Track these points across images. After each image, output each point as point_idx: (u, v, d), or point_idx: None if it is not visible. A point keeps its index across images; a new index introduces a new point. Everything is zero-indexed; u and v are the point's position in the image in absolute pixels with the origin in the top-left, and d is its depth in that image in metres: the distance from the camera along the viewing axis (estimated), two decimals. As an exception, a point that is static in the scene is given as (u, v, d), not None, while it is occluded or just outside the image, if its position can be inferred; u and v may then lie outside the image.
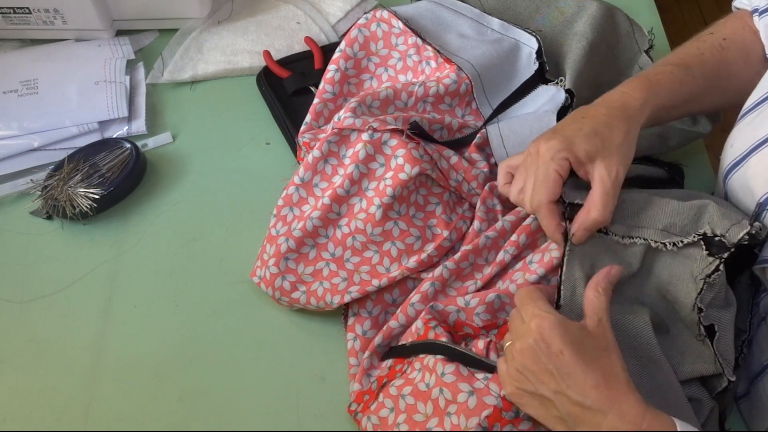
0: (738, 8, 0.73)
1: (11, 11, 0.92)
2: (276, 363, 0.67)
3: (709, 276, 0.55)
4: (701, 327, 0.56)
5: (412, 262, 0.67)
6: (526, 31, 0.80)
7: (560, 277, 0.59)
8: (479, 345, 0.60)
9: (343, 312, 0.69)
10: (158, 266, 0.75)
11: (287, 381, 0.66)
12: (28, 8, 0.92)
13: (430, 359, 0.60)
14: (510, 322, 0.57)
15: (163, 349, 0.69)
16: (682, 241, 0.57)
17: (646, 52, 0.79)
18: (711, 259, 0.56)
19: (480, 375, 0.58)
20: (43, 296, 0.73)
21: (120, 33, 0.97)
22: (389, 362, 0.64)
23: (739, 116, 0.64)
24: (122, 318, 0.71)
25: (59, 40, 0.96)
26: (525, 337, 0.52)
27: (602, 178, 0.59)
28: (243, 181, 0.82)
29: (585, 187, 0.61)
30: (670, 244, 0.58)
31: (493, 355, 0.60)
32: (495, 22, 0.83)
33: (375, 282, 0.67)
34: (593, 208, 0.58)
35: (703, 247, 0.56)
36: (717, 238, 0.56)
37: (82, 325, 0.71)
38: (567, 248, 0.60)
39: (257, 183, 0.81)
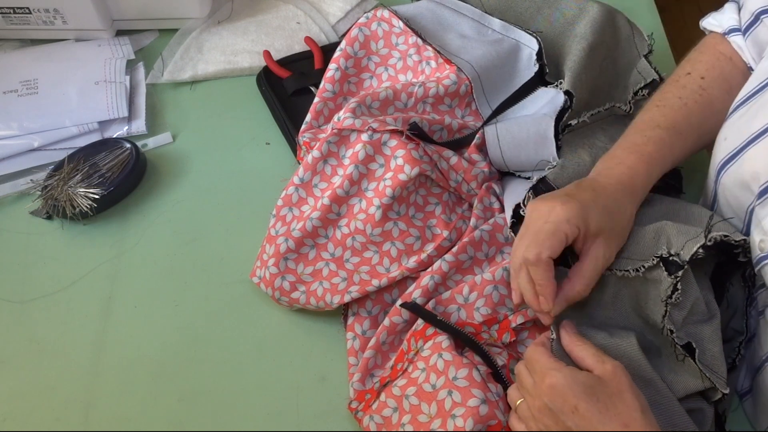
0: (707, 29, 0.73)
1: (11, 11, 0.92)
2: (276, 363, 0.67)
3: (669, 297, 0.55)
4: (676, 347, 0.55)
5: (411, 262, 0.67)
6: (527, 32, 0.80)
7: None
8: (498, 363, 0.61)
9: (342, 312, 0.69)
10: (158, 266, 0.75)
11: (287, 381, 0.66)
12: (28, 8, 0.92)
13: (438, 360, 0.60)
14: (518, 377, 0.57)
15: (163, 349, 0.69)
16: (643, 266, 0.57)
17: (646, 56, 0.78)
18: (670, 279, 0.56)
19: (492, 387, 0.59)
20: (43, 296, 0.73)
21: (120, 33, 0.97)
22: (391, 362, 0.64)
23: (730, 110, 0.63)
24: (122, 318, 0.71)
25: (59, 40, 0.96)
26: (539, 396, 0.53)
27: (597, 257, 0.58)
28: (243, 181, 0.82)
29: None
30: (633, 270, 0.58)
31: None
32: (496, 23, 0.82)
33: (375, 282, 0.67)
34: (579, 283, 0.58)
35: (663, 268, 0.56)
36: (671, 258, 0.56)
37: (82, 325, 0.70)
38: None
39: (257, 183, 0.81)
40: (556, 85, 0.76)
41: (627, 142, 0.64)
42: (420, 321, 0.64)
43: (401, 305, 0.65)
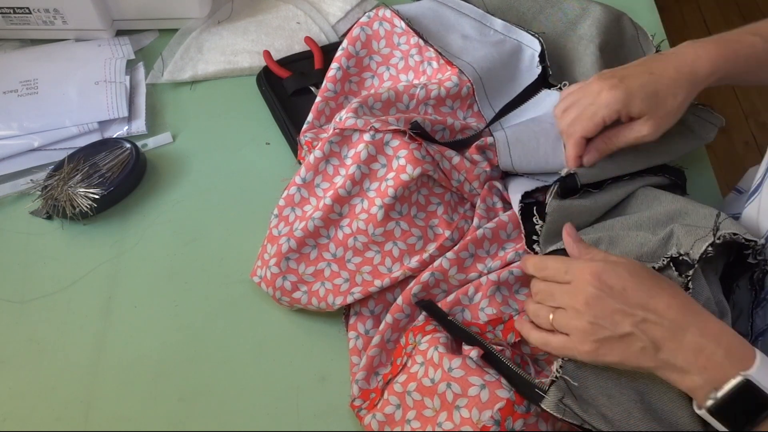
0: None
1: (11, 11, 0.92)
2: (276, 363, 0.67)
3: None
4: None
5: (413, 262, 0.68)
6: (529, 33, 0.80)
7: None
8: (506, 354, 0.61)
9: (344, 311, 0.69)
10: (158, 266, 0.75)
11: (287, 381, 0.66)
12: (28, 8, 0.92)
13: (434, 353, 0.60)
14: (540, 293, 0.57)
15: (163, 349, 0.69)
16: (653, 267, 0.58)
17: None
18: (681, 279, 0.56)
19: (491, 369, 0.58)
20: (43, 296, 0.73)
21: (120, 33, 0.97)
22: (391, 358, 0.64)
23: None
24: (122, 318, 0.71)
25: (59, 40, 0.96)
26: (581, 290, 0.53)
27: (639, 129, 0.65)
28: (243, 181, 0.82)
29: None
30: None
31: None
32: (497, 23, 0.82)
33: (377, 282, 0.67)
34: (616, 142, 0.67)
35: (673, 268, 0.57)
36: (681, 257, 0.57)
37: (82, 325, 0.70)
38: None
39: (257, 183, 0.81)
40: (560, 88, 0.76)
41: (721, 36, 0.66)
42: (421, 317, 0.64)
43: (416, 303, 0.65)
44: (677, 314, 0.51)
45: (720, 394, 0.49)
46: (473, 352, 0.59)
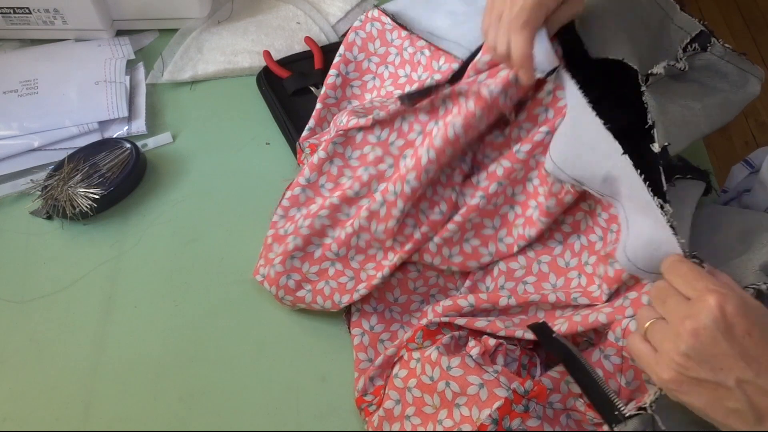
0: None
1: (11, 11, 0.92)
2: (276, 363, 0.67)
3: None
4: None
5: (407, 246, 0.68)
6: None
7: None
8: (489, 343, 0.60)
9: (345, 311, 0.69)
10: (158, 266, 0.75)
11: (287, 381, 0.66)
12: (28, 8, 0.92)
13: (433, 352, 0.60)
14: (656, 292, 0.50)
15: (163, 349, 0.69)
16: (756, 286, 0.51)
17: (682, 10, 0.70)
18: None
19: (489, 368, 0.58)
20: (43, 296, 0.73)
21: (120, 33, 0.97)
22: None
23: None
24: (122, 318, 0.71)
25: (59, 40, 0.96)
26: (697, 315, 0.45)
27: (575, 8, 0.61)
28: (243, 181, 0.82)
29: None
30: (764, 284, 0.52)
31: (500, 358, 0.60)
32: None
33: (379, 275, 0.67)
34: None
35: None
36: None
37: (82, 325, 0.70)
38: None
39: (257, 183, 0.81)
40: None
41: None
42: (433, 322, 0.63)
43: (529, 326, 0.61)
44: None
45: None
46: (474, 350, 0.59)
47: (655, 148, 0.57)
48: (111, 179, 0.78)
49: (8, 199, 0.81)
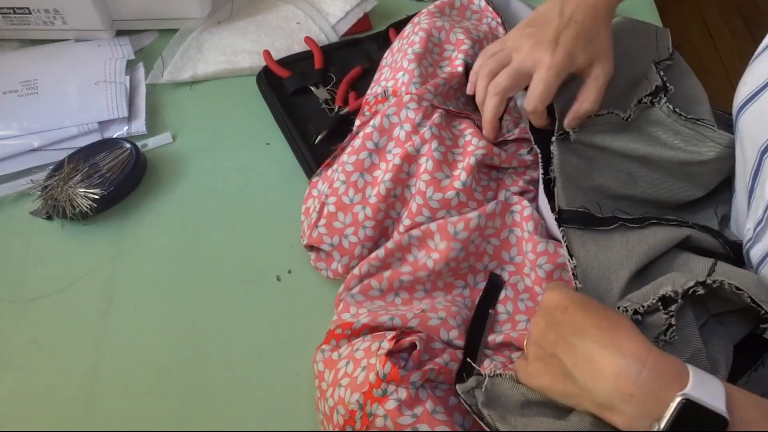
0: None
1: (11, 11, 0.92)
2: (276, 363, 0.67)
3: (663, 333, 0.53)
4: None
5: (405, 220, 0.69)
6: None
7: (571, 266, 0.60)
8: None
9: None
10: (158, 266, 0.75)
11: (287, 381, 0.66)
12: (28, 8, 0.92)
13: (374, 344, 0.59)
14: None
15: (163, 349, 0.69)
16: (642, 306, 0.54)
17: (656, 63, 0.72)
18: (665, 315, 0.53)
19: (459, 417, 0.57)
20: (43, 296, 0.73)
21: (120, 33, 0.97)
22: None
23: (752, 57, 0.64)
24: (122, 318, 0.71)
25: (59, 40, 0.96)
26: (540, 315, 0.52)
27: (597, 76, 0.66)
28: (243, 181, 0.82)
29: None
30: (632, 310, 0.55)
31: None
32: None
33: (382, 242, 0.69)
34: (586, 100, 0.66)
35: (661, 307, 0.53)
36: (668, 294, 0.53)
37: (82, 325, 0.71)
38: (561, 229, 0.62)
39: (257, 183, 0.81)
40: None
41: None
42: (371, 375, 0.58)
43: (491, 276, 0.67)
44: (602, 333, 0.46)
45: (663, 425, 0.42)
46: (385, 342, 0.58)
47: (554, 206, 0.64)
48: (111, 179, 0.78)
49: (8, 199, 0.81)
